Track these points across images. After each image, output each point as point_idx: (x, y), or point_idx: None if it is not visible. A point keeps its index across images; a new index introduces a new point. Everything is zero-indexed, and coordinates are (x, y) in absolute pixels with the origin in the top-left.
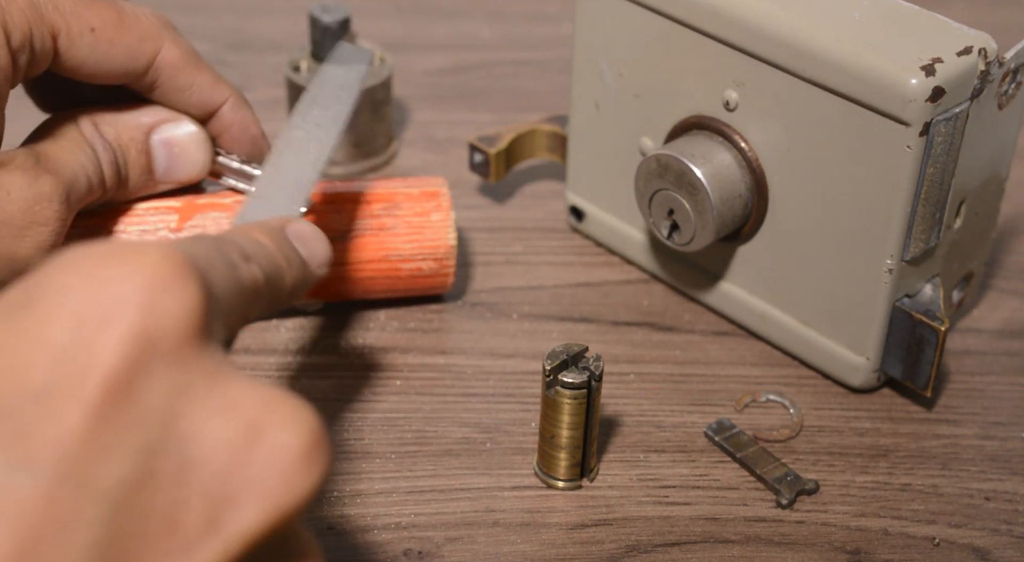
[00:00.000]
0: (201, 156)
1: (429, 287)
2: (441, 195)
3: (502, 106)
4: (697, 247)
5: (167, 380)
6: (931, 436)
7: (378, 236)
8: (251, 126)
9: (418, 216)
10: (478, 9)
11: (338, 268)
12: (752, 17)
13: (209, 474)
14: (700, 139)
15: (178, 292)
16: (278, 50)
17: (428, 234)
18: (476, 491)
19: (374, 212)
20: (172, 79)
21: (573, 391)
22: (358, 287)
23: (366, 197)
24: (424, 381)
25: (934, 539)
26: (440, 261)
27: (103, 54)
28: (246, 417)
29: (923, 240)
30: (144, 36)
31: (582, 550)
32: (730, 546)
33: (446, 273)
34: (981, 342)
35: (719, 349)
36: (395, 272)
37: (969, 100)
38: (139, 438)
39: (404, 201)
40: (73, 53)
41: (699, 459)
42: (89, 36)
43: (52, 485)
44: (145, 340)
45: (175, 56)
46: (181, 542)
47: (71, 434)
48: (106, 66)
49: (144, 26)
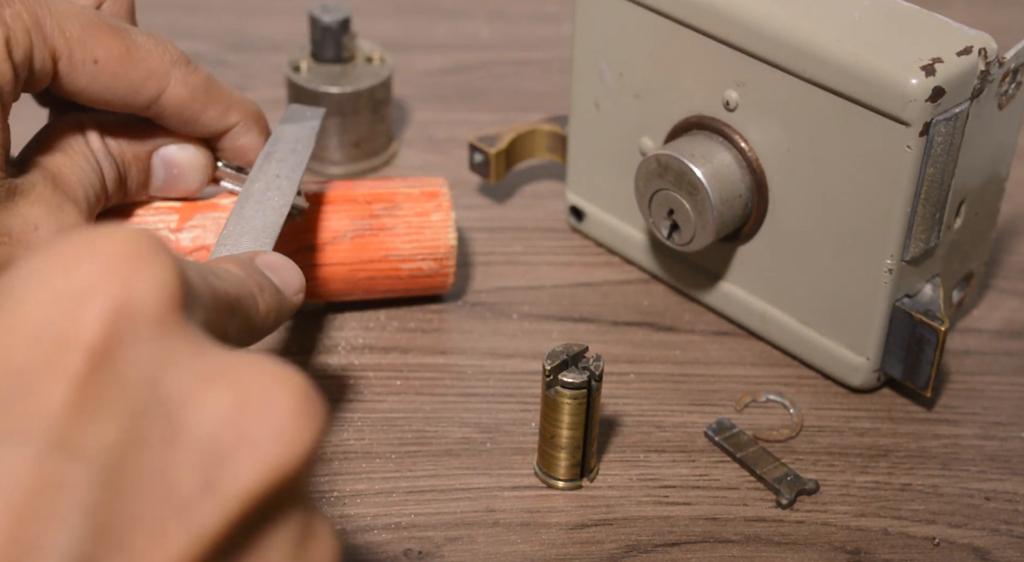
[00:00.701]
0: (199, 178)
1: (429, 287)
2: (441, 195)
3: (502, 106)
4: (697, 247)
5: (149, 349)
6: (931, 436)
7: (378, 236)
8: (255, 151)
9: (418, 216)
10: (478, 9)
11: (338, 268)
12: (752, 17)
13: (200, 436)
14: (700, 139)
15: (153, 266)
16: (278, 50)
17: (428, 234)
18: (476, 491)
19: (374, 212)
20: (176, 116)
21: (573, 391)
22: (358, 287)
23: (366, 197)
24: (424, 381)
25: (934, 539)
26: (440, 261)
27: (104, 86)
28: (233, 381)
29: (923, 240)
30: (150, 74)
31: (582, 550)
32: (730, 546)
33: (446, 273)
34: (981, 342)
35: (719, 349)
36: (395, 272)
37: (969, 100)
38: (125, 405)
39: (404, 201)
40: (73, 78)
41: (699, 459)
42: (91, 66)
43: (42, 453)
44: (124, 312)
45: (180, 96)
46: (176, 504)
47: (57, 404)
48: (107, 97)
49: (152, 63)
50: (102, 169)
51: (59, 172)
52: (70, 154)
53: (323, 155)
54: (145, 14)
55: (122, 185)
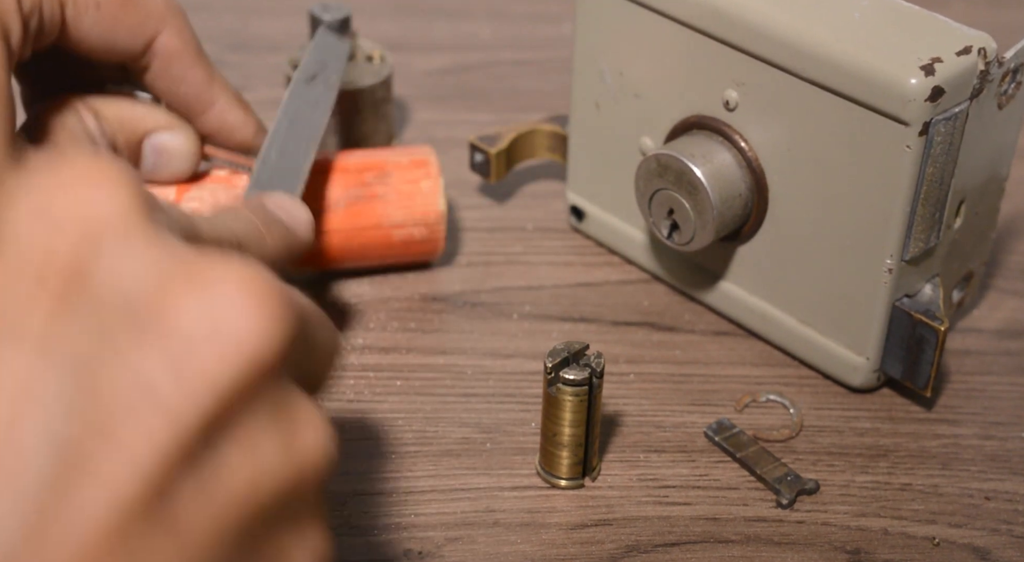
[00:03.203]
0: (186, 166)
1: (420, 253)
2: (430, 163)
3: (502, 106)
4: (697, 247)
5: (118, 258)
6: (931, 436)
7: (370, 204)
8: (241, 129)
9: (408, 183)
10: (478, 9)
11: (332, 235)
12: (752, 17)
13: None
14: (700, 139)
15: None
16: (278, 50)
17: (418, 201)
18: (476, 491)
19: (365, 180)
20: (166, 66)
21: (575, 388)
22: (352, 254)
23: (357, 166)
24: (424, 381)
25: (934, 539)
26: (430, 227)
27: (106, 29)
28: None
29: (923, 240)
30: (148, 16)
31: (582, 550)
32: (730, 546)
33: (436, 239)
34: (981, 342)
35: (719, 349)
36: (387, 238)
37: (969, 100)
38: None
39: (394, 170)
40: (78, 25)
41: (699, 459)
42: (95, 11)
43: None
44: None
45: (174, 44)
46: (153, 397)
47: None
48: (108, 42)
49: (149, 7)
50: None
51: (61, 148)
52: (73, 134)
53: None
54: None
55: None
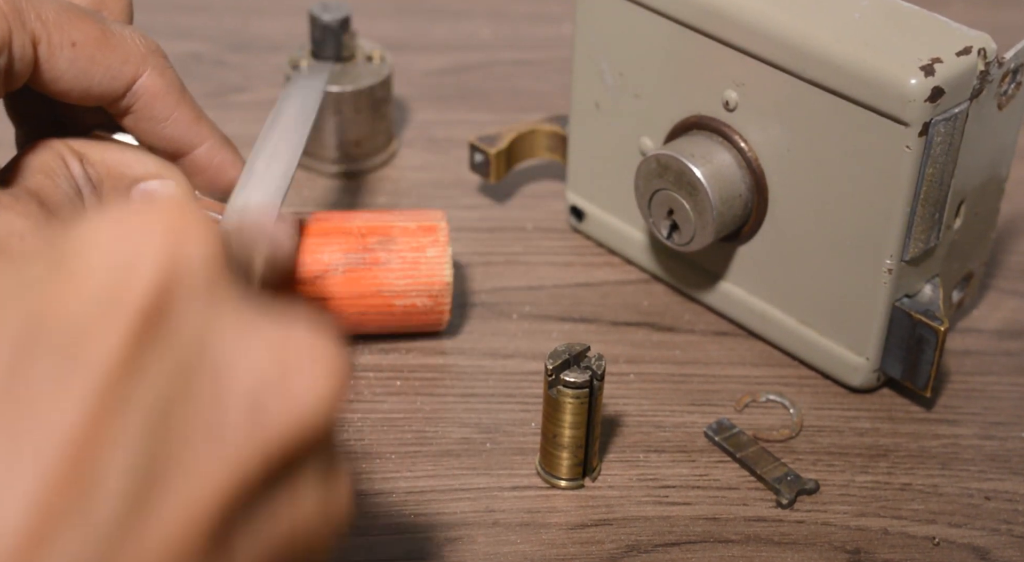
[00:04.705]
0: None
1: (423, 324)
2: (439, 230)
3: (502, 106)
4: (697, 247)
5: (197, 309)
6: (931, 436)
7: (371, 270)
8: (228, 170)
9: (413, 251)
10: (478, 9)
11: (328, 303)
12: (752, 17)
13: (244, 387)
14: (700, 139)
15: (200, 233)
16: (278, 50)
17: (423, 270)
18: (476, 491)
19: (368, 245)
20: (149, 108)
21: (575, 390)
22: (349, 322)
23: (360, 229)
24: (424, 381)
25: (934, 539)
26: (435, 298)
27: (82, 70)
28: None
29: (923, 240)
30: (127, 59)
31: (582, 550)
32: (730, 546)
33: (441, 311)
34: (981, 342)
35: (719, 349)
36: (388, 308)
37: (968, 100)
38: (175, 360)
39: (400, 235)
40: (52, 64)
41: (699, 459)
42: (69, 50)
43: (96, 403)
44: (174, 276)
45: (156, 85)
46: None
47: (112, 358)
48: (84, 83)
49: (128, 49)
50: (82, 196)
51: (43, 191)
52: (52, 177)
53: (323, 154)
54: (145, 14)
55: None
